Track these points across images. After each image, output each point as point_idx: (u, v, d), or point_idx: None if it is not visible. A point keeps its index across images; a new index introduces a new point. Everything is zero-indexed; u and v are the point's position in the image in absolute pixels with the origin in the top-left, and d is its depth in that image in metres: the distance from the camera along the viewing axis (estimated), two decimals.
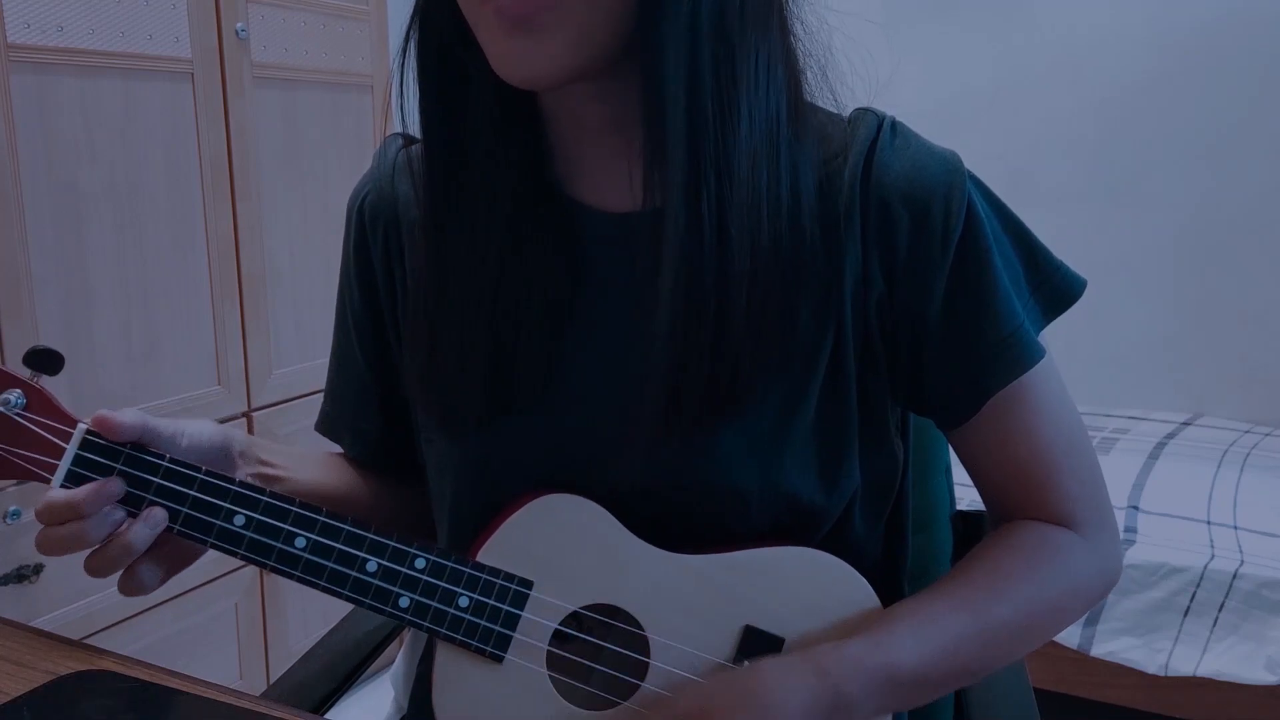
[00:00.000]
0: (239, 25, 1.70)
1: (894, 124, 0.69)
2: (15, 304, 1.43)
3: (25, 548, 1.47)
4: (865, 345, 0.69)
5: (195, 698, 0.65)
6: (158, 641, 1.68)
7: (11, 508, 1.44)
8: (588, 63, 0.61)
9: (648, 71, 0.60)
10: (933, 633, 0.66)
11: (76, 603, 1.55)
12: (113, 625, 1.61)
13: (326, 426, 0.87)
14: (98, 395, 1.55)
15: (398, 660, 1.02)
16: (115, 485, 0.65)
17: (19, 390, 0.66)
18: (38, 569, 1.49)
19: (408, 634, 1.00)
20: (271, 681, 1.01)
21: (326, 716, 0.85)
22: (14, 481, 1.44)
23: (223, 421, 1.74)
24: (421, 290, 0.71)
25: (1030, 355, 0.69)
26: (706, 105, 0.60)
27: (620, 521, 0.68)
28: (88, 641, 0.77)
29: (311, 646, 0.95)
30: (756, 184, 0.63)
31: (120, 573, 0.67)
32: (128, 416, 0.66)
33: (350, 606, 0.71)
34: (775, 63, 0.64)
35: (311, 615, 2.00)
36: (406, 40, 0.67)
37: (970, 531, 0.91)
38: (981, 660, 0.68)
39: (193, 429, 0.71)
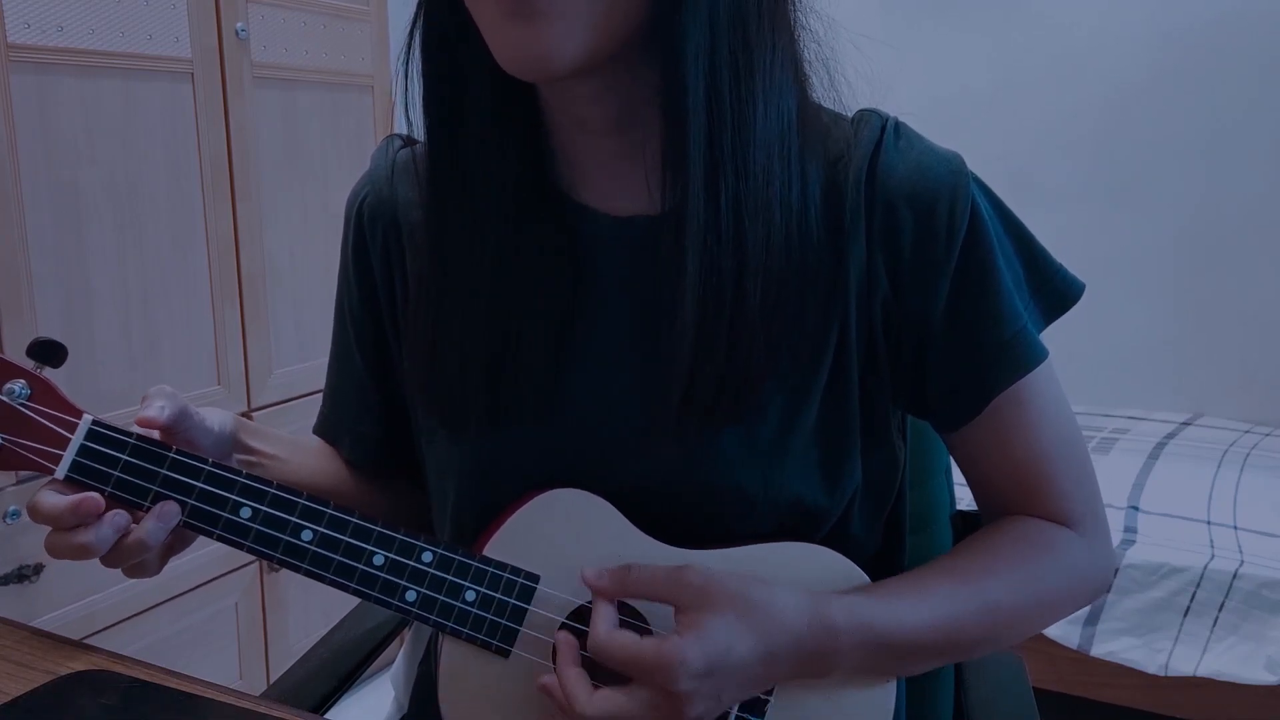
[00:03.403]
0: (239, 25, 1.70)
1: (897, 125, 0.69)
2: (15, 303, 1.43)
3: (25, 548, 1.47)
4: (868, 346, 0.69)
5: (195, 697, 0.65)
6: (158, 641, 1.68)
7: (11, 507, 1.44)
8: (594, 53, 0.59)
9: (667, 59, 0.60)
10: (927, 601, 0.67)
11: (76, 603, 1.55)
12: (113, 625, 1.61)
13: (325, 430, 0.86)
14: (97, 395, 1.55)
15: (398, 660, 1.02)
16: (93, 503, 0.63)
17: (23, 380, 0.66)
18: (38, 569, 1.49)
19: (408, 634, 1.00)
20: (271, 681, 1.01)
21: (326, 716, 0.85)
22: (14, 480, 1.45)
23: None
24: (422, 292, 0.71)
25: (1033, 356, 0.69)
26: (725, 97, 0.60)
27: None
28: (88, 641, 0.77)
29: (312, 646, 0.95)
30: (770, 181, 0.63)
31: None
32: (162, 412, 0.66)
33: (351, 606, 0.71)
34: (787, 60, 0.63)
35: (312, 615, 1.99)
36: (410, 37, 0.67)
37: (969, 532, 0.91)
38: (971, 637, 0.69)
39: (214, 416, 0.72)
